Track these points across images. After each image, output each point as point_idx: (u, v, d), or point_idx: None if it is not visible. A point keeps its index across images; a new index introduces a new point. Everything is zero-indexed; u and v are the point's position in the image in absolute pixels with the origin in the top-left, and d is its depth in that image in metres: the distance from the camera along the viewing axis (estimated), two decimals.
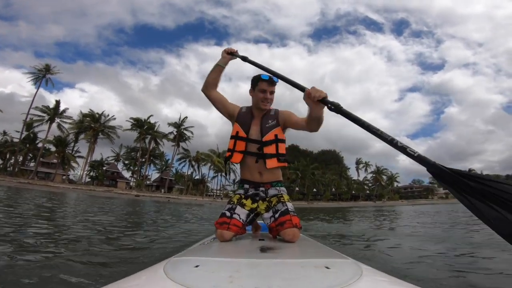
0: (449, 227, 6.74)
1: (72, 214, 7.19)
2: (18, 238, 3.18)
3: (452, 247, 3.48)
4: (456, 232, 5.57)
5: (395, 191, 77.05)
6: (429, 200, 66.88)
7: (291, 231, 1.54)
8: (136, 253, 2.91)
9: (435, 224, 7.41)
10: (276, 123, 1.86)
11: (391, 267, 2.31)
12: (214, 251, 1.36)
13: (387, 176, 74.77)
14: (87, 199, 17.12)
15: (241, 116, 1.89)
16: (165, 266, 0.87)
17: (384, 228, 6.33)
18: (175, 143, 50.29)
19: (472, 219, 7.78)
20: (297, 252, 1.33)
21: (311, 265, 0.91)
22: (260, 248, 1.25)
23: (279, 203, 1.74)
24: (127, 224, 6.07)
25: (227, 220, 1.65)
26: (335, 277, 0.79)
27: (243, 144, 1.84)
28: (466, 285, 1.97)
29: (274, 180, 1.87)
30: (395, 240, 3.97)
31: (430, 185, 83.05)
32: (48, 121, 42.24)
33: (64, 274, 1.91)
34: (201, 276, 0.81)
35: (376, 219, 10.00)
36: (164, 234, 4.77)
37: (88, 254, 2.69)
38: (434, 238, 4.47)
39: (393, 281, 0.83)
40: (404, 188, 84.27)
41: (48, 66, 42.89)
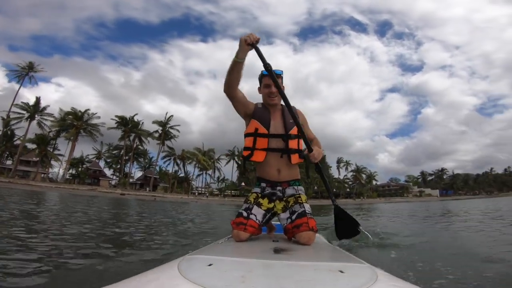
0: (445, 226, 6.83)
1: (71, 214, 7.46)
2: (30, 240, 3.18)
3: (465, 249, 3.45)
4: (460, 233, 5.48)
5: (373, 189, 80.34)
6: (404, 198, 70.17)
7: (306, 234, 1.53)
8: (149, 251, 3.02)
9: (435, 223, 7.58)
10: (299, 122, 1.85)
11: (407, 272, 2.28)
12: (228, 251, 1.38)
13: (366, 174, 77.96)
14: (74, 198, 17.15)
15: (259, 112, 1.84)
16: (179, 264, 0.90)
17: (389, 228, 6.24)
18: (160, 141, 50.26)
19: (460, 218, 8.66)
20: (311, 255, 1.32)
21: (325, 268, 0.91)
22: (274, 249, 1.27)
23: (297, 204, 1.72)
24: (132, 223, 6.18)
25: (244, 221, 1.64)
26: (349, 281, 0.79)
27: (265, 140, 1.80)
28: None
29: (292, 179, 1.84)
30: (407, 243, 3.96)
31: (406, 184, 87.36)
32: (28, 118, 41.10)
33: (75, 272, 1.93)
34: (213, 275, 0.82)
35: (378, 218, 9.96)
36: (178, 232, 4.91)
37: (99, 251, 2.76)
38: (440, 238, 4.54)
39: (408, 287, 0.83)
40: (382, 186, 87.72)
41: (32, 64, 41.89)
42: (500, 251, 3.24)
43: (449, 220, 8.60)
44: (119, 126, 47.09)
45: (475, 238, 4.51)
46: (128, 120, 47.19)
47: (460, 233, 5.29)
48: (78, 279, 1.78)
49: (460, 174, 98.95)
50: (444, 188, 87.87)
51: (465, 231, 5.60)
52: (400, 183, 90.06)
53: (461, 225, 6.79)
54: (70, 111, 42.82)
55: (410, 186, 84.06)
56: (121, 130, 47.56)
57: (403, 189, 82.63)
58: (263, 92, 1.87)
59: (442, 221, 8.03)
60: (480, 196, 73.03)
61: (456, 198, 66.61)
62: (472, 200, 42.14)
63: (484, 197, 67.75)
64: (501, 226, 5.95)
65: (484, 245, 3.73)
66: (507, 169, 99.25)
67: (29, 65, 41.64)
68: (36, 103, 41.90)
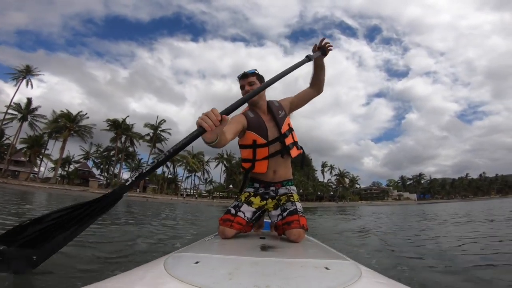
0: (426, 225, 6.97)
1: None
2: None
3: (442, 245, 3.53)
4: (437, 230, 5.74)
5: (356, 193, 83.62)
6: (384, 201, 73.47)
7: (297, 231, 1.52)
8: (136, 249, 2.91)
9: (413, 222, 7.81)
10: (285, 114, 1.86)
11: (391, 269, 2.32)
12: (215, 248, 1.36)
13: (349, 178, 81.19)
14: (68, 198, 17.56)
15: (253, 122, 1.78)
16: (165, 262, 0.90)
17: (374, 227, 6.35)
18: (151, 144, 51.44)
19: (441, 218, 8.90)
20: (298, 252, 1.33)
21: (311, 265, 0.93)
22: (261, 247, 1.28)
23: (289, 202, 1.72)
24: (127, 222, 6.11)
25: (231, 218, 1.64)
26: (334, 278, 0.80)
27: (265, 150, 1.78)
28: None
29: (285, 179, 1.85)
30: (394, 241, 4.06)
31: (386, 188, 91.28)
32: (20, 119, 41.55)
33: (61, 269, 1.86)
34: (200, 272, 0.82)
35: (359, 219, 10.13)
36: (166, 230, 4.78)
37: (88, 248, 2.66)
38: (423, 237, 4.62)
39: (391, 284, 0.84)
40: (364, 189, 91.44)
41: (29, 67, 42.37)
42: (466, 247, 3.39)
43: (422, 220, 8.95)
44: (111, 129, 47.98)
45: (444, 237, 4.59)
46: (120, 123, 48.16)
47: (435, 232, 5.44)
48: (61, 277, 1.72)
49: (437, 179, 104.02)
50: (422, 192, 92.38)
51: (438, 230, 5.82)
52: (382, 187, 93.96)
53: (432, 225, 7.04)
54: (62, 113, 43.53)
55: (390, 190, 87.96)
56: (113, 132, 48.47)
57: (384, 192, 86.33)
58: (242, 95, 1.81)
59: (417, 221, 8.37)
60: (455, 200, 76.85)
61: (432, 202, 70.17)
62: (447, 203, 44.42)
63: (459, 201, 71.80)
64: (468, 226, 6.25)
65: (450, 243, 3.78)
66: (482, 175, 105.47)
67: (26, 68, 42.16)
68: (28, 104, 42.37)
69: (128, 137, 50.26)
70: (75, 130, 43.60)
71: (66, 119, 42.93)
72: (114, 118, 48.90)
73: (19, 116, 41.66)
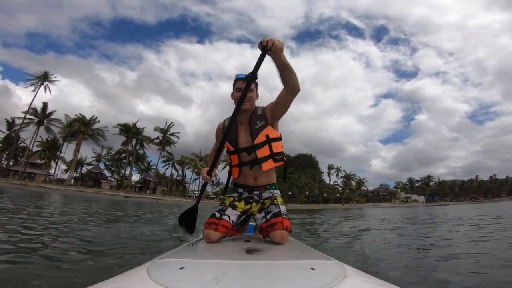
0: (424, 227, 6.78)
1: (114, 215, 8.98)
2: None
3: (433, 246, 3.53)
4: (434, 231, 5.68)
5: (363, 195, 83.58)
6: (392, 204, 73.42)
7: (280, 233, 1.53)
8: (117, 255, 2.71)
9: (410, 224, 7.70)
10: (265, 123, 1.80)
11: (375, 267, 2.31)
12: (200, 253, 1.35)
13: (355, 181, 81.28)
14: (85, 199, 18.35)
15: (225, 129, 1.77)
16: (148, 268, 0.88)
17: (366, 228, 6.42)
18: (160, 147, 53.08)
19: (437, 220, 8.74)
20: (283, 254, 1.34)
21: (297, 266, 0.94)
22: (246, 250, 1.28)
23: (272, 204, 1.73)
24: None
25: (216, 221, 1.64)
26: (320, 278, 0.80)
27: (235, 157, 1.83)
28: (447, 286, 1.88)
29: (268, 183, 1.85)
30: (380, 241, 4.09)
31: (394, 190, 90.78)
32: (37, 123, 43.66)
33: (35, 278, 1.71)
34: (186, 278, 0.81)
35: (356, 220, 10.08)
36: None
37: (66, 255, 2.51)
38: (414, 238, 4.62)
39: (376, 282, 0.85)
40: (372, 192, 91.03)
41: (46, 74, 44.52)
42: (464, 247, 3.39)
43: (423, 221, 8.86)
44: (122, 133, 49.77)
45: (444, 238, 4.52)
46: (131, 127, 49.90)
47: (430, 233, 5.39)
48: (36, 286, 1.60)
49: (446, 181, 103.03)
50: (430, 194, 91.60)
51: (436, 231, 5.77)
52: (389, 189, 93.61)
53: (433, 226, 6.94)
54: (77, 117, 45.48)
55: (398, 192, 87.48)
56: (124, 136, 50.25)
57: (391, 195, 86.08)
58: (235, 96, 1.80)
59: (416, 223, 8.30)
60: (465, 202, 76.05)
61: (441, 204, 69.71)
62: (456, 206, 43.59)
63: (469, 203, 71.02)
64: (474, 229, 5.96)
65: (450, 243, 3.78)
66: (492, 177, 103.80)
67: (44, 74, 44.32)
68: (44, 108, 44.41)
69: (138, 141, 51.96)
70: (88, 134, 45.52)
71: (80, 123, 44.92)
72: (124, 122, 50.88)
73: (36, 121, 43.74)
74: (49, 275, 1.82)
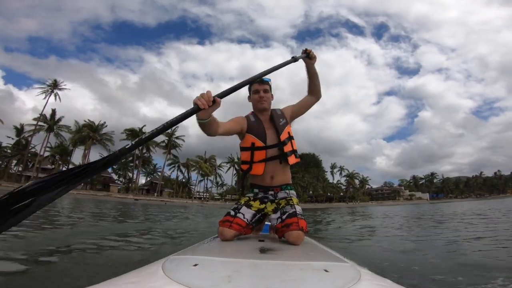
0: (432, 227, 6.77)
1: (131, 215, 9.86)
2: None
3: (450, 247, 3.44)
4: (444, 232, 5.50)
5: (367, 193, 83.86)
6: (395, 201, 73.61)
7: (296, 233, 1.52)
8: (134, 251, 2.88)
9: (419, 224, 7.54)
10: (286, 122, 1.92)
11: (390, 270, 2.26)
12: (214, 251, 1.37)
13: (359, 179, 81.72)
14: (96, 202, 19.60)
15: (253, 126, 1.87)
16: (163, 264, 0.89)
17: (379, 229, 6.21)
18: (166, 150, 54.36)
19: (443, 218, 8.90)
20: (297, 254, 1.33)
21: (310, 268, 0.93)
22: (260, 249, 1.28)
23: (288, 205, 1.73)
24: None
25: (231, 219, 1.67)
26: (333, 280, 0.79)
27: (263, 153, 1.84)
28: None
29: (284, 184, 1.89)
30: (395, 243, 3.99)
31: (398, 188, 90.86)
32: (47, 130, 45.21)
33: (57, 271, 1.89)
34: (199, 275, 0.82)
35: (364, 220, 9.93)
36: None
37: (85, 251, 2.68)
38: (424, 239, 4.54)
39: (391, 286, 0.84)
40: (376, 190, 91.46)
41: (56, 81, 46.22)
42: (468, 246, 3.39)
43: (431, 220, 8.98)
44: (129, 137, 51.13)
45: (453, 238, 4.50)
46: (137, 132, 51.23)
47: (442, 235, 5.23)
48: (57, 279, 1.71)
49: (450, 178, 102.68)
50: (435, 191, 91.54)
51: (445, 233, 5.62)
52: (393, 187, 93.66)
53: (443, 226, 6.99)
54: (86, 123, 47.01)
55: (402, 190, 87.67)
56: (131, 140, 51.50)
57: (395, 192, 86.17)
58: (253, 98, 1.91)
59: (427, 223, 8.30)
60: (470, 199, 76.13)
61: (445, 201, 70.01)
62: (460, 202, 44.59)
63: (473, 200, 71.13)
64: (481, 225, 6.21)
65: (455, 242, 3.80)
66: (496, 173, 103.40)
67: (54, 82, 46.03)
68: (53, 115, 45.92)
69: (144, 145, 53.22)
70: (97, 139, 46.93)
71: (89, 129, 46.36)
72: (129, 125, 52.29)
73: (46, 127, 45.34)
74: (70, 272, 1.92)
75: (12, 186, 32.79)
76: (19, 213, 0.82)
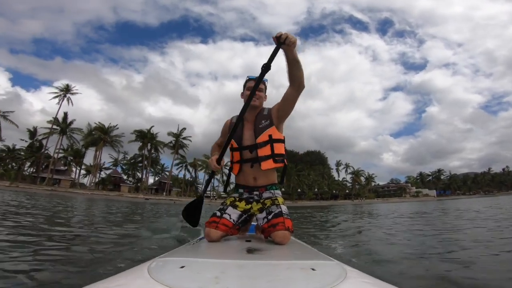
0: (427, 225, 6.60)
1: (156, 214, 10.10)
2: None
3: (433, 245, 3.43)
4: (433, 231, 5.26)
5: (373, 190, 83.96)
6: (401, 198, 73.12)
7: (282, 233, 1.53)
8: (117, 253, 2.72)
9: (414, 222, 7.44)
10: (269, 123, 1.85)
11: (375, 268, 2.28)
12: (200, 252, 1.37)
13: (364, 177, 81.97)
14: (111, 201, 20.10)
15: (232, 126, 1.86)
16: (149, 267, 0.89)
17: (368, 227, 6.29)
18: (174, 150, 55.88)
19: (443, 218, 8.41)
20: (284, 254, 1.34)
21: (297, 266, 0.94)
22: (247, 249, 1.28)
23: (274, 205, 1.74)
24: None
25: (217, 220, 1.67)
26: (320, 278, 0.81)
27: (237, 154, 1.87)
28: (447, 285, 1.88)
29: (268, 184, 1.86)
30: (381, 240, 4.02)
31: (404, 184, 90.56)
32: (60, 133, 47.13)
33: (38, 276, 1.80)
34: (186, 277, 0.82)
35: (361, 218, 9.90)
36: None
37: (67, 253, 2.63)
38: (415, 237, 4.47)
39: (376, 283, 0.85)
40: (382, 187, 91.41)
41: (68, 86, 48.03)
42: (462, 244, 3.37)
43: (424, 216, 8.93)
44: (138, 139, 52.81)
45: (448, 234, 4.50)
46: (146, 133, 52.86)
47: (433, 230, 5.24)
48: (38, 285, 1.64)
49: (458, 175, 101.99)
50: (442, 188, 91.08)
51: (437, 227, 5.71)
52: (399, 184, 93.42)
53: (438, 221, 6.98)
54: (97, 126, 48.83)
55: (408, 187, 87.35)
56: (140, 142, 53.34)
57: (401, 189, 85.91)
58: (245, 95, 1.88)
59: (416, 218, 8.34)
60: (477, 196, 75.61)
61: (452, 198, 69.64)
62: (468, 199, 43.99)
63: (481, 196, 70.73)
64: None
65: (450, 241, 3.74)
66: (505, 169, 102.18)
67: (66, 87, 47.84)
68: (65, 118, 47.77)
69: (153, 145, 54.88)
70: (108, 141, 48.68)
71: (100, 131, 48.14)
72: (137, 126, 54.17)
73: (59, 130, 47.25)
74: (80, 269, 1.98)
75: (30, 187, 34.70)
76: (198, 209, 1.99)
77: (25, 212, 6.65)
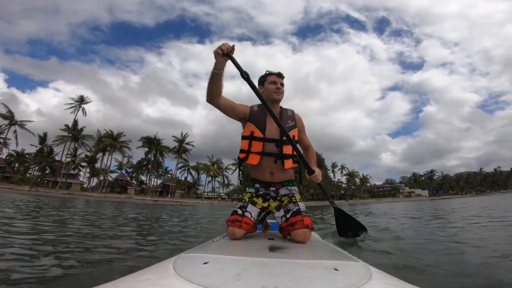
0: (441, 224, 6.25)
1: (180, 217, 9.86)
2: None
3: (459, 246, 3.28)
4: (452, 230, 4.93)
5: (368, 191, 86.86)
6: (395, 199, 75.80)
7: (302, 232, 1.52)
8: (145, 249, 2.96)
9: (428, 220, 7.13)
10: (294, 125, 1.88)
11: (402, 270, 2.19)
12: (224, 249, 1.38)
13: (359, 178, 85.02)
14: (122, 204, 21.13)
15: (255, 115, 1.83)
16: (174, 262, 0.92)
17: (392, 227, 5.85)
18: (177, 155, 59.50)
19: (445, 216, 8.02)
20: (306, 253, 1.33)
21: (320, 266, 0.93)
22: (269, 248, 1.29)
23: (291, 202, 1.72)
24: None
25: (239, 218, 1.65)
26: (343, 279, 0.79)
27: (260, 144, 1.80)
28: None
29: (285, 180, 1.86)
30: (405, 241, 3.81)
31: (397, 185, 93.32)
32: (71, 139, 50.50)
33: (71, 270, 1.92)
34: (209, 273, 0.83)
35: (377, 217, 9.37)
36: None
37: (96, 250, 2.76)
38: (437, 236, 4.21)
39: (402, 285, 0.83)
40: (377, 187, 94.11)
41: (82, 97, 51.46)
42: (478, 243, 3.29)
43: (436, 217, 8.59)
44: (144, 145, 56.30)
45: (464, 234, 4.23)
46: (152, 139, 56.32)
47: (450, 230, 4.95)
48: (71, 278, 1.76)
49: (450, 175, 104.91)
50: (435, 188, 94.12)
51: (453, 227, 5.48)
52: (393, 184, 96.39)
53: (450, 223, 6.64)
54: (107, 133, 52.34)
55: (402, 187, 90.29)
56: (147, 147, 56.96)
57: (395, 190, 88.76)
58: (269, 88, 1.87)
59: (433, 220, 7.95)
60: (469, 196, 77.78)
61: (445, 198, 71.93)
62: (459, 199, 45.06)
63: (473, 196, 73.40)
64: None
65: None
66: (496, 169, 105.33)
67: (80, 98, 51.27)
68: (75, 125, 50.93)
69: (158, 151, 58.31)
70: (117, 147, 52.20)
71: (110, 138, 51.59)
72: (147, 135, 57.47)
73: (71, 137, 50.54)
74: (79, 271, 1.98)
75: (49, 191, 37.84)
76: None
77: (81, 218, 6.83)
